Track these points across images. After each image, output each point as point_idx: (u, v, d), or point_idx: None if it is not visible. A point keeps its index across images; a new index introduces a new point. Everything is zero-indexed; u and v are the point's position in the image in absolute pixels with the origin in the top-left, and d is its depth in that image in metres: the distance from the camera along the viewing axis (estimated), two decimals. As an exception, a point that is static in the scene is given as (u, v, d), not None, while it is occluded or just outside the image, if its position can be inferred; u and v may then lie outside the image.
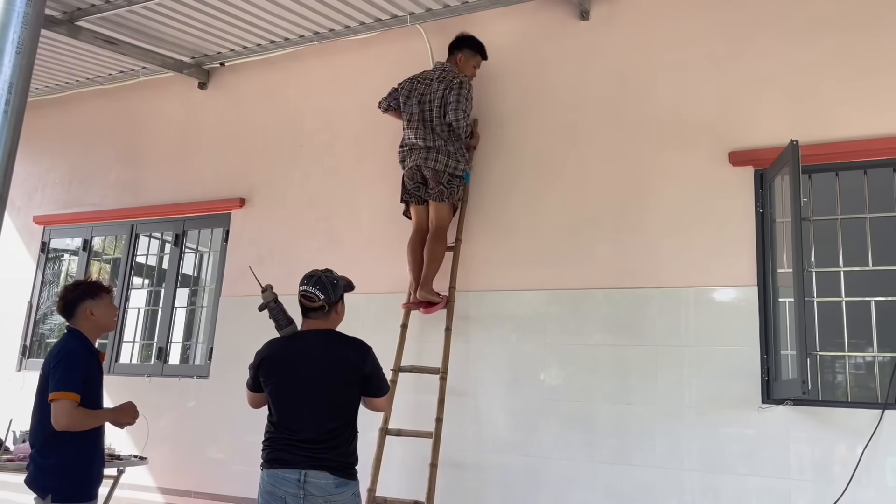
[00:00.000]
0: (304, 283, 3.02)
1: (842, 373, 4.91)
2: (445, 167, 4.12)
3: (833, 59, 3.67)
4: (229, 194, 5.29)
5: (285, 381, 2.94)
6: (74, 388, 3.09)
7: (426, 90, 4.24)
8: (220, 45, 5.23)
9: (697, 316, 3.70)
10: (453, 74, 4.24)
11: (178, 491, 4.94)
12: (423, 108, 4.21)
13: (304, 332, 3.05)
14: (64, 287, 3.47)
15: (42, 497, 3.06)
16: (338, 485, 2.80)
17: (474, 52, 4.37)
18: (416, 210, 4.31)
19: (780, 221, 3.59)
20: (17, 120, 1.31)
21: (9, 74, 1.28)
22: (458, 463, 4.04)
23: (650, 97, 4.03)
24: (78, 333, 3.28)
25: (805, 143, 3.38)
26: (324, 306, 2.99)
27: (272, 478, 2.83)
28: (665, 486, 3.58)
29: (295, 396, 2.91)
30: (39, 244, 6.20)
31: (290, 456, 2.82)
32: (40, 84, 6.13)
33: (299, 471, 2.78)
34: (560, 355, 3.96)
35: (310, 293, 2.99)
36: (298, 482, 2.77)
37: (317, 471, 2.78)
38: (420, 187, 4.24)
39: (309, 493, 2.77)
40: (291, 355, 2.98)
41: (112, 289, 3.53)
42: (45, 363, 3.21)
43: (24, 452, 4.14)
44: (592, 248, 3.99)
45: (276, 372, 2.96)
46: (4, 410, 4.66)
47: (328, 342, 2.98)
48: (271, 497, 2.82)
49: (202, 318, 5.52)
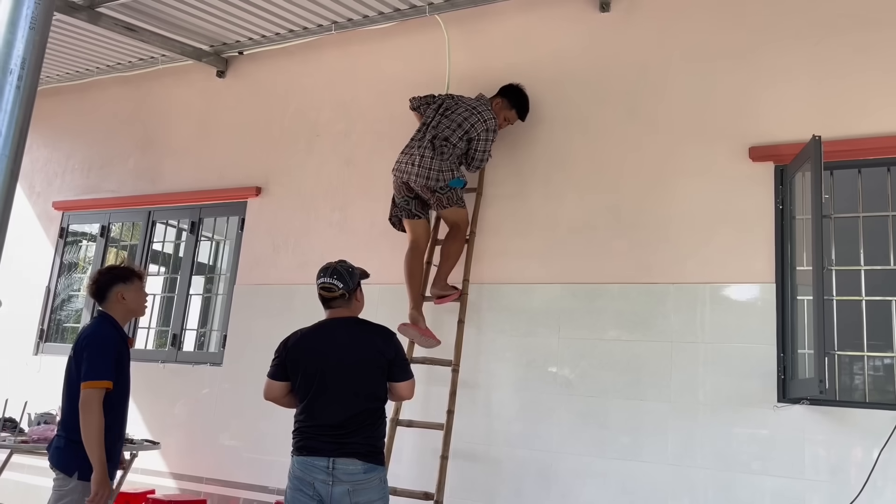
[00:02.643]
0: (322, 276, 3.10)
1: (860, 374, 4.84)
2: (436, 181, 3.97)
3: (857, 53, 3.60)
4: (245, 183, 5.31)
5: (313, 369, 2.99)
6: (105, 375, 3.13)
7: (453, 107, 4.13)
8: (239, 34, 5.23)
9: (713, 312, 3.66)
10: (489, 114, 4.09)
11: (190, 476, 4.97)
12: (438, 119, 4.09)
13: (329, 321, 3.10)
14: (97, 271, 3.52)
15: (68, 475, 3.09)
16: (366, 470, 2.87)
17: (511, 105, 4.21)
18: (409, 224, 4.20)
19: (800, 218, 3.54)
20: (30, 96, 1.30)
21: (22, 50, 1.27)
22: (469, 455, 4.03)
23: (670, 90, 3.98)
24: (109, 317, 3.32)
25: (827, 138, 3.32)
26: (344, 294, 3.06)
27: (302, 464, 2.90)
28: (677, 483, 3.55)
29: (323, 383, 2.96)
30: (58, 229, 6.25)
31: (319, 443, 2.89)
32: (61, 71, 6.17)
33: (327, 458, 2.85)
34: (574, 350, 3.93)
35: (328, 284, 3.06)
36: (327, 469, 2.85)
37: (345, 458, 2.85)
38: (410, 201, 4.15)
39: (337, 479, 2.84)
40: (318, 343, 3.04)
41: (143, 275, 3.57)
42: (76, 345, 3.24)
43: (39, 434, 4.20)
44: (608, 243, 3.96)
45: (304, 359, 3.01)
46: (21, 393, 4.71)
47: (353, 329, 3.06)
48: (300, 482, 2.89)
49: (217, 306, 5.55)
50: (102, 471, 3.06)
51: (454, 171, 4.03)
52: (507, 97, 4.23)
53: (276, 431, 4.71)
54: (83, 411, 3.07)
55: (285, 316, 4.90)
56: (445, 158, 4.01)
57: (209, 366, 5.15)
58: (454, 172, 4.03)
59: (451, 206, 4.07)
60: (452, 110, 4.12)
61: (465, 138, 4.08)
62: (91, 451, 3.05)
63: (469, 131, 4.07)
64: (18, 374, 5.81)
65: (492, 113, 4.13)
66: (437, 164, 3.98)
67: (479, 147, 4.11)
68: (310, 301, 4.86)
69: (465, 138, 4.08)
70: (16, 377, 5.74)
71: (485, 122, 4.09)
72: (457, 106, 4.14)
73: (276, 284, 5.00)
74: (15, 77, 1.26)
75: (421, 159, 3.99)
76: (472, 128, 4.07)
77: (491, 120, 4.11)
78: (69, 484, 3.09)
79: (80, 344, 3.21)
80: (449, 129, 4.06)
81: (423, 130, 4.13)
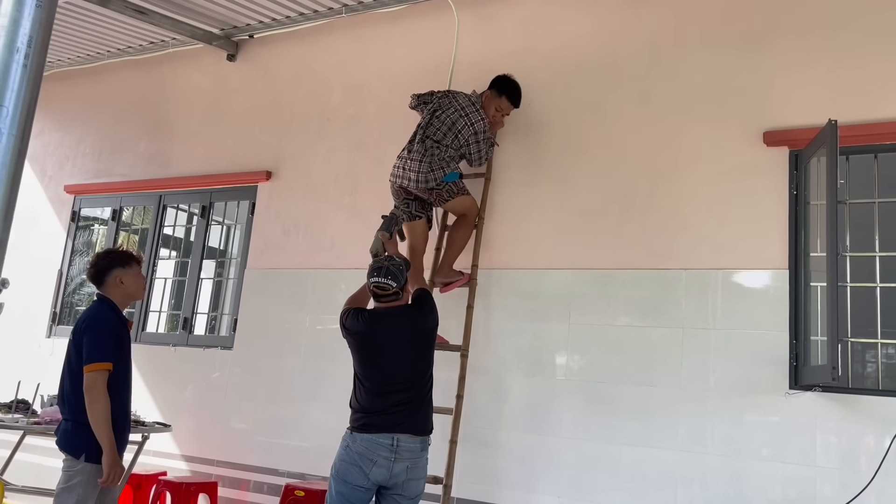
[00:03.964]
0: (375, 276, 3.30)
1: (872, 362, 4.80)
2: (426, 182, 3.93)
3: (874, 37, 3.54)
4: (256, 167, 5.30)
5: (375, 356, 3.29)
6: (106, 357, 3.15)
7: (445, 107, 4.07)
8: (249, 17, 5.21)
9: (725, 299, 3.63)
10: (477, 116, 4.02)
11: (201, 459, 5.01)
12: (430, 121, 4.05)
13: (385, 311, 3.35)
14: (95, 254, 3.53)
15: (75, 457, 3.12)
16: (422, 448, 3.23)
17: (500, 93, 4.13)
18: (409, 228, 4.14)
19: (815, 204, 3.49)
20: (37, 75, 1.29)
21: (28, 28, 1.26)
22: (479, 440, 4.03)
23: (683, 74, 3.94)
24: (107, 300, 3.34)
25: (843, 123, 3.27)
26: (398, 292, 3.31)
27: (365, 441, 3.14)
28: (688, 469, 3.54)
29: (385, 370, 3.26)
30: (70, 213, 6.28)
31: (382, 421, 3.15)
32: (72, 54, 6.18)
33: (392, 435, 3.13)
34: (584, 335, 3.91)
35: (383, 284, 3.28)
36: (391, 446, 3.13)
37: (406, 434, 3.16)
38: (410, 203, 4.11)
39: (399, 457, 3.13)
40: (380, 335, 3.31)
41: (142, 259, 3.58)
42: (75, 328, 3.27)
43: (52, 416, 4.23)
44: (620, 228, 3.93)
45: (367, 346, 3.31)
46: (33, 375, 4.75)
47: (410, 318, 3.36)
48: (361, 458, 3.12)
49: (228, 290, 5.57)
50: (112, 451, 3.09)
51: (446, 167, 3.97)
52: (494, 87, 4.17)
53: (286, 415, 4.74)
54: (88, 395, 3.09)
55: (296, 300, 4.92)
56: (436, 157, 3.96)
57: (220, 349, 5.17)
58: (446, 169, 3.98)
59: (454, 198, 4.04)
60: (443, 110, 4.06)
61: (456, 140, 4.02)
62: (99, 432, 3.08)
63: (458, 135, 4.02)
64: (31, 356, 5.86)
65: (480, 114, 4.04)
66: (426, 164, 3.93)
67: (471, 150, 4.07)
68: (320, 285, 4.90)
69: (456, 141, 4.02)
70: (29, 359, 5.79)
71: (472, 126, 4.01)
72: (449, 106, 4.07)
73: (287, 269, 5.01)
74: (22, 55, 1.25)
75: (411, 163, 3.97)
76: (460, 133, 4.02)
77: (479, 122, 4.03)
78: (77, 466, 3.11)
79: (80, 327, 3.23)
80: (440, 131, 4.03)
81: (416, 133, 4.09)
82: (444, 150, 3.99)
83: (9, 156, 1.23)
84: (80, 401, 3.14)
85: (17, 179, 1.29)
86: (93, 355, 3.13)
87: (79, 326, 3.25)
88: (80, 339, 3.20)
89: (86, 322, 3.25)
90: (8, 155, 1.22)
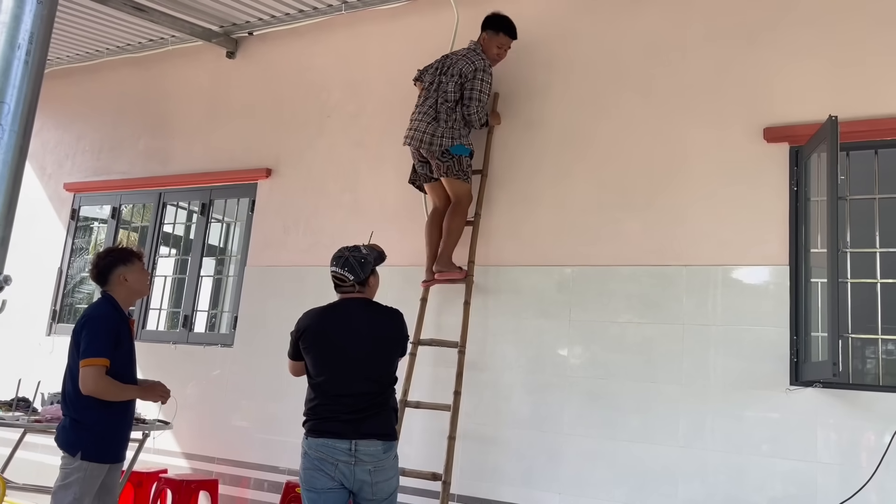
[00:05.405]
0: (334, 265, 3.14)
1: (873, 358, 4.81)
2: (430, 145, 4.03)
3: (874, 32, 3.53)
4: (256, 164, 5.30)
5: (328, 351, 3.04)
6: (103, 352, 3.15)
7: (448, 63, 4.18)
8: (249, 14, 5.20)
9: (726, 295, 3.63)
10: (477, 56, 4.14)
11: (201, 457, 5.01)
12: (439, 80, 4.15)
13: (342, 302, 3.16)
14: (96, 255, 3.52)
15: (72, 455, 3.12)
16: (385, 450, 2.97)
17: (496, 32, 4.21)
18: (430, 188, 4.27)
19: (815, 200, 3.49)
20: (38, 71, 1.29)
21: (30, 24, 1.26)
22: (478, 437, 4.03)
23: (683, 70, 3.93)
24: (110, 298, 3.34)
25: (844, 119, 3.27)
26: (354, 286, 3.12)
27: (322, 446, 2.93)
28: (688, 466, 3.54)
29: (339, 365, 3.01)
30: (70, 211, 6.27)
31: (340, 426, 2.93)
32: (70, 52, 6.17)
33: (349, 441, 2.91)
34: (584, 332, 3.92)
35: (340, 275, 3.12)
36: (349, 451, 2.91)
37: (366, 440, 2.92)
38: (424, 165, 4.19)
39: (360, 461, 2.91)
40: (332, 325, 3.08)
41: (143, 254, 3.58)
42: (76, 326, 3.27)
43: (52, 414, 4.23)
44: (620, 224, 3.93)
45: (318, 341, 3.06)
46: (34, 373, 4.75)
47: (367, 312, 3.13)
48: (322, 462, 2.92)
49: (228, 288, 5.56)
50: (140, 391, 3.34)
51: (455, 138, 4.03)
52: (489, 28, 4.24)
53: (287, 412, 4.74)
54: (87, 387, 3.09)
55: (296, 297, 4.90)
56: (442, 122, 4.04)
57: (220, 347, 5.17)
58: (455, 140, 4.03)
59: (451, 177, 4.07)
60: (449, 66, 4.16)
61: (458, 86, 4.09)
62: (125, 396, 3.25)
63: (461, 77, 4.08)
64: (32, 354, 5.86)
65: (480, 55, 4.14)
66: (431, 128, 4.03)
67: (474, 86, 4.07)
68: (320, 282, 4.88)
69: (459, 86, 4.09)
70: (29, 357, 5.79)
71: (473, 63, 4.10)
72: (453, 63, 4.17)
73: (287, 266, 5.01)
74: (23, 52, 1.25)
75: (419, 124, 4.07)
76: (461, 72, 4.08)
77: (480, 60, 4.12)
78: (74, 463, 3.12)
79: (80, 324, 3.23)
80: (447, 85, 4.11)
81: (424, 95, 4.18)
82: (450, 111, 4.05)
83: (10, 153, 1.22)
84: (80, 399, 3.14)
85: (18, 177, 1.29)
86: (88, 350, 3.13)
87: (78, 324, 3.25)
88: (80, 335, 3.20)
89: (85, 318, 3.25)
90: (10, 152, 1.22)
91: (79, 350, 3.17)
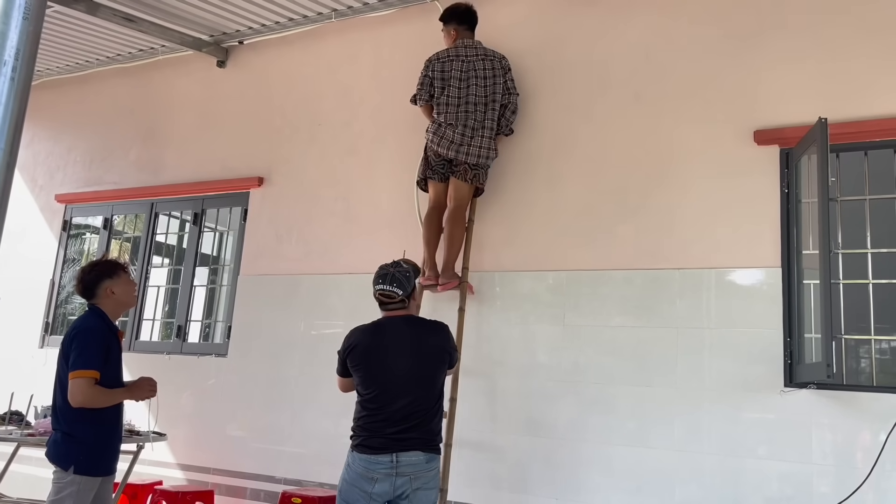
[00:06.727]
0: (380, 283, 3.15)
1: (866, 358, 4.82)
2: (478, 157, 4.08)
3: (863, 34, 3.55)
4: (248, 173, 5.29)
5: (376, 369, 3.08)
6: (93, 365, 3.12)
7: (470, 70, 4.16)
8: (239, 23, 5.20)
9: (719, 298, 3.64)
10: (493, 53, 4.21)
11: (197, 467, 4.99)
12: (467, 89, 4.12)
13: (389, 320, 3.19)
14: (80, 269, 3.48)
15: (64, 469, 3.10)
16: (427, 460, 3.02)
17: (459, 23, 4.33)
18: (434, 186, 4.22)
19: (806, 202, 3.51)
20: (25, 87, 1.28)
21: (15, 41, 1.25)
22: (474, 443, 4.03)
23: (673, 74, 3.95)
24: (98, 311, 3.31)
25: (833, 121, 3.29)
26: (403, 301, 3.15)
27: (365, 462, 2.99)
28: (684, 469, 3.54)
29: (386, 383, 3.06)
30: (61, 222, 6.25)
31: (384, 441, 2.98)
32: (60, 63, 6.15)
33: (391, 453, 2.97)
34: (578, 337, 3.92)
35: (388, 291, 3.14)
36: (391, 463, 2.96)
37: (407, 452, 2.97)
38: (445, 164, 4.17)
39: (400, 472, 2.97)
40: (379, 343, 3.13)
41: (128, 265, 3.55)
42: (64, 339, 3.24)
43: (45, 427, 4.20)
44: (612, 229, 3.94)
45: (366, 359, 3.10)
46: (26, 386, 4.72)
47: (414, 328, 3.18)
48: (361, 478, 2.98)
49: (222, 297, 5.55)
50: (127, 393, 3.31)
51: (493, 148, 4.14)
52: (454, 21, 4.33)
53: (282, 421, 4.73)
54: (76, 399, 3.07)
55: (290, 306, 4.91)
56: (487, 132, 4.12)
57: (214, 357, 5.15)
58: (493, 150, 4.15)
59: (468, 183, 4.11)
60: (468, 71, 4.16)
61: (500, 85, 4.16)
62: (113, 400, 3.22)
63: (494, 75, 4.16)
64: (24, 367, 5.82)
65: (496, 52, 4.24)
66: (486, 140, 4.11)
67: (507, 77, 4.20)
68: (314, 291, 4.89)
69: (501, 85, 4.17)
70: (21, 370, 5.76)
71: (497, 59, 4.21)
72: (469, 67, 4.17)
73: (281, 275, 5.00)
74: (9, 69, 1.24)
75: (478, 139, 4.09)
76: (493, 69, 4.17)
77: (493, 52, 4.23)
78: (66, 477, 3.09)
79: (68, 337, 3.21)
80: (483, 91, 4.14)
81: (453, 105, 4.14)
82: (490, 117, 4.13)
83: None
84: (70, 412, 3.11)
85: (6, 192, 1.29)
86: (78, 362, 3.10)
87: (67, 336, 3.23)
88: (69, 348, 3.18)
89: (74, 331, 3.22)
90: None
91: (68, 363, 3.14)
